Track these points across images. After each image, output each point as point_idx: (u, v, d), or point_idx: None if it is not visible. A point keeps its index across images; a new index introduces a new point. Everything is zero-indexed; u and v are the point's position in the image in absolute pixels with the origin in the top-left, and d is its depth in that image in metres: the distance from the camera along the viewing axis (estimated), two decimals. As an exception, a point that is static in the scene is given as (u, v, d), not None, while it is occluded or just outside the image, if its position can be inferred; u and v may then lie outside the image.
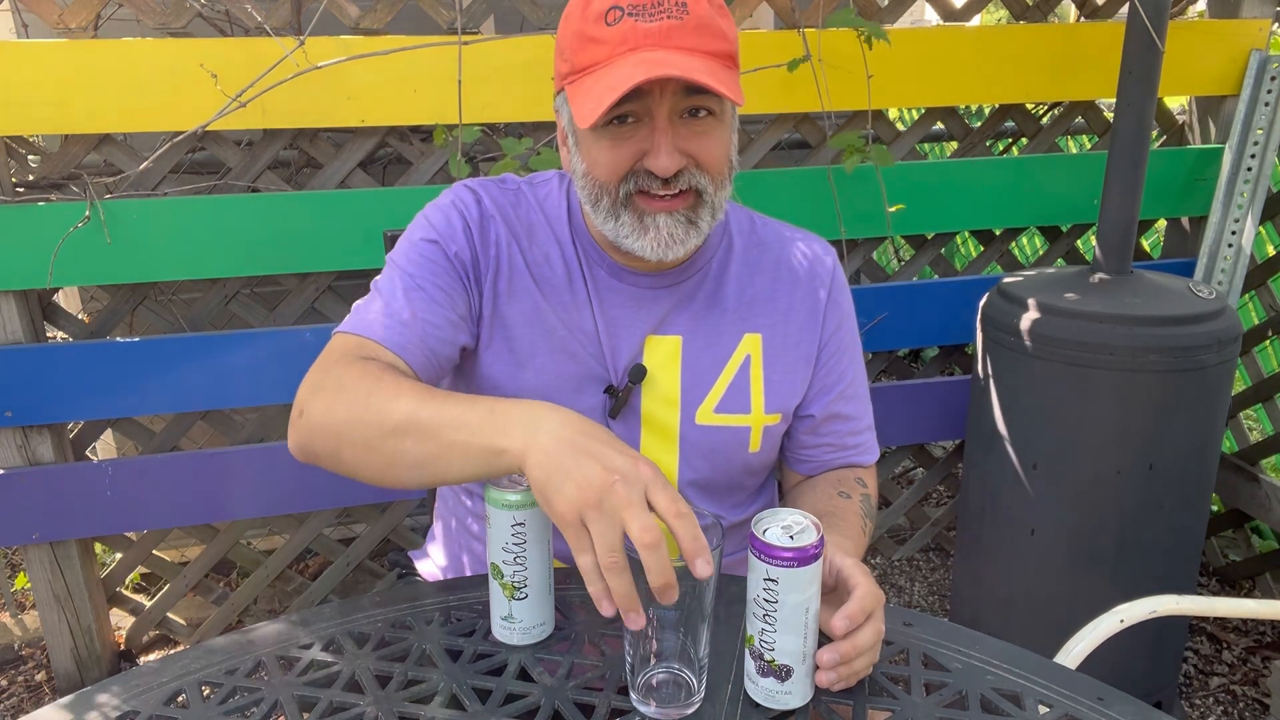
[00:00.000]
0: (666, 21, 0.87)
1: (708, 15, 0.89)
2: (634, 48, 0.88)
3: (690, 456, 1.05)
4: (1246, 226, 2.13)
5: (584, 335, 1.02)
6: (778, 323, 1.06)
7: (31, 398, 1.79)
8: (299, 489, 1.96)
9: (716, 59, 0.90)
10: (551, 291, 1.02)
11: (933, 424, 2.27)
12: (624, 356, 1.03)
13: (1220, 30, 2.09)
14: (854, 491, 1.08)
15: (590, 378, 1.02)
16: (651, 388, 1.03)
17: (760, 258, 1.08)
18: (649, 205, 0.93)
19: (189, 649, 0.87)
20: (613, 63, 0.88)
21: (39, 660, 2.17)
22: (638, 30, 0.87)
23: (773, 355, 1.06)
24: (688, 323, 1.04)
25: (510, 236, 1.02)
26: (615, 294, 1.03)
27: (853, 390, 1.12)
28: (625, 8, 0.88)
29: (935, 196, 2.09)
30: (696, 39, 0.88)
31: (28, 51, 1.64)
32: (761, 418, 1.05)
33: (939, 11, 2.08)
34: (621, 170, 0.92)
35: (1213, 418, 1.70)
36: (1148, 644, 1.80)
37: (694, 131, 0.91)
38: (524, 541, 0.84)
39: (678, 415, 1.03)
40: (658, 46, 0.87)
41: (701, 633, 0.76)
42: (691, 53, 0.88)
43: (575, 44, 0.91)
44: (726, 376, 1.04)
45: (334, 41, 1.73)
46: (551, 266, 1.03)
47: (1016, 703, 0.79)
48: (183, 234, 1.77)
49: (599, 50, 0.89)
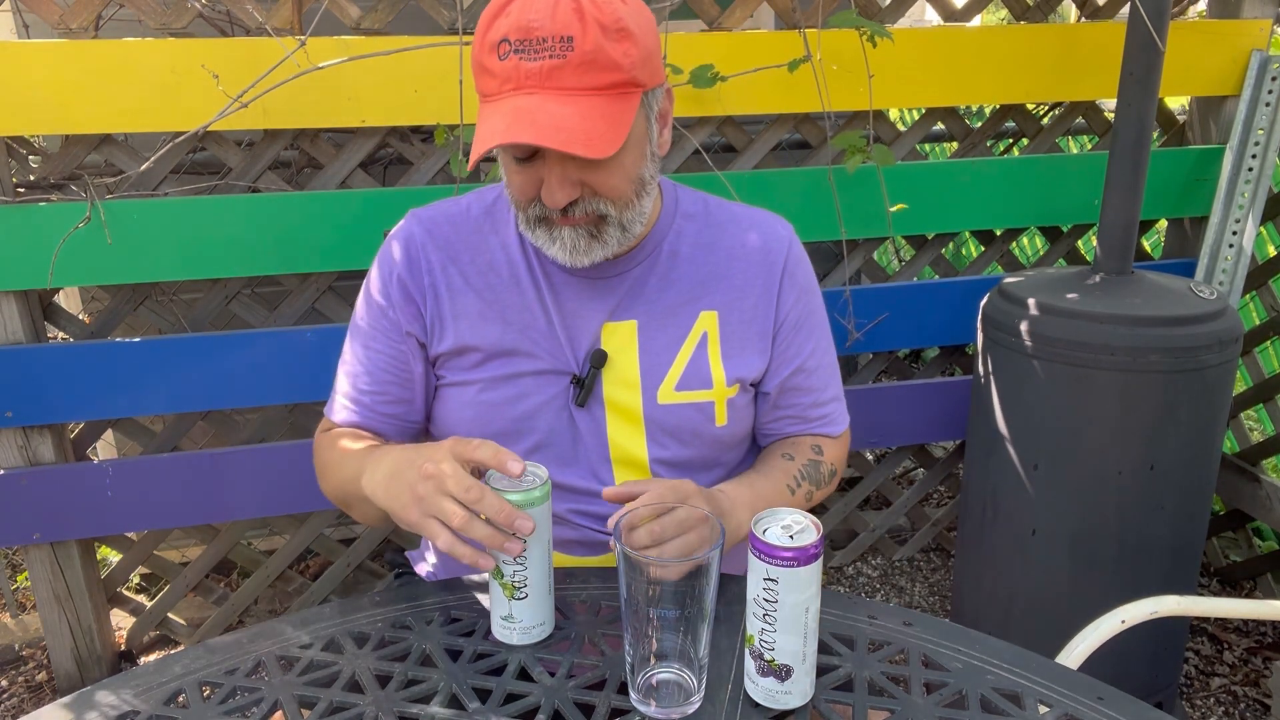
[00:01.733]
0: (549, 61, 0.87)
1: (595, 48, 0.87)
2: (516, 87, 0.88)
3: (657, 435, 1.06)
4: (1247, 227, 2.12)
5: (537, 332, 1.05)
6: (733, 299, 1.08)
7: (32, 398, 1.79)
8: (299, 489, 1.96)
9: (605, 93, 0.89)
10: (496, 297, 1.06)
11: (933, 424, 2.27)
12: (583, 346, 1.06)
13: (1221, 30, 2.09)
14: (800, 455, 1.11)
15: (549, 371, 1.05)
16: (611, 372, 1.05)
17: (715, 238, 1.10)
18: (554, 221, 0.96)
19: (189, 649, 0.88)
20: (498, 100, 0.89)
21: (39, 660, 2.17)
22: (520, 70, 0.88)
23: (729, 330, 1.08)
24: (642, 307, 1.06)
25: (446, 259, 1.07)
26: (568, 287, 1.06)
27: (814, 363, 1.13)
28: (513, 43, 0.87)
29: (936, 197, 2.09)
30: (579, 77, 0.87)
31: (28, 51, 1.64)
32: (724, 391, 1.07)
33: (939, 12, 2.08)
34: (528, 195, 0.95)
35: (1214, 418, 1.70)
36: (1148, 644, 1.80)
37: (589, 165, 0.92)
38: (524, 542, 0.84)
39: (639, 397, 1.05)
40: (537, 89, 0.87)
41: (701, 633, 0.76)
42: (573, 93, 0.87)
43: (475, 69, 0.93)
44: (685, 354, 1.06)
45: (335, 42, 1.73)
46: (496, 272, 1.07)
47: (1016, 703, 0.79)
48: (183, 234, 1.77)
49: (490, 82, 0.90)
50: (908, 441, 2.31)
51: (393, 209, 1.84)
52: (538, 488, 0.83)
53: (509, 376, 1.05)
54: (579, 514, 1.07)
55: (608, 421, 1.06)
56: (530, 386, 1.05)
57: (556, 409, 1.05)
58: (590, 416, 1.06)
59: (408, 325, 1.07)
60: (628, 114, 0.90)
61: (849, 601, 0.94)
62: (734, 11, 1.92)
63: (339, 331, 1.84)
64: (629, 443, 1.06)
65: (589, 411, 1.06)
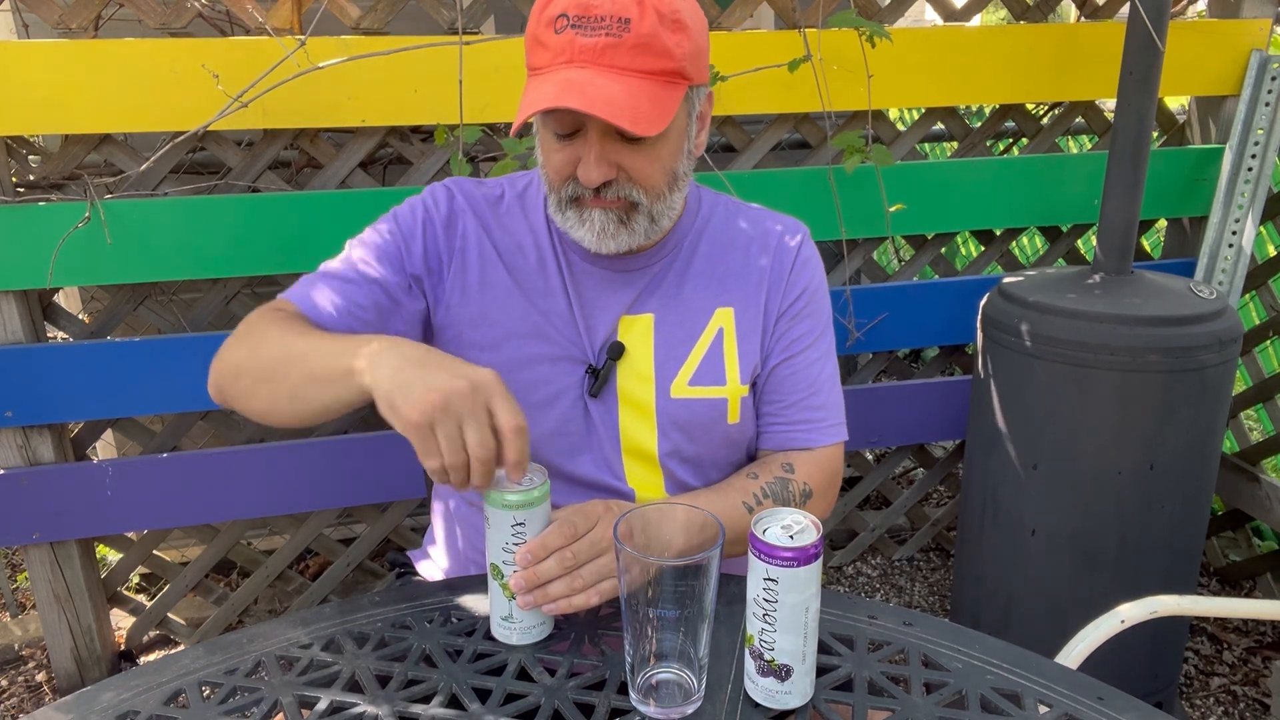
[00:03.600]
0: (604, 39, 0.88)
1: (650, 32, 0.89)
2: (569, 60, 0.89)
3: (668, 429, 1.07)
4: (1247, 226, 2.12)
5: (558, 318, 1.06)
6: (749, 296, 1.09)
7: (32, 398, 1.79)
8: (299, 489, 1.96)
9: (654, 78, 0.90)
10: (524, 277, 1.07)
11: (933, 424, 2.27)
12: (600, 336, 1.06)
13: (1220, 30, 2.09)
14: (765, 472, 1.07)
15: (566, 358, 1.06)
16: (627, 365, 1.06)
17: (733, 237, 1.11)
18: (585, 203, 0.97)
19: (189, 649, 0.88)
20: (550, 72, 0.90)
21: (39, 660, 2.17)
22: (574, 44, 0.89)
23: (744, 328, 1.08)
24: (659, 301, 1.07)
25: (481, 230, 1.07)
26: (589, 277, 1.07)
27: (804, 361, 1.10)
28: (571, 18, 0.89)
29: (935, 196, 2.09)
30: (632, 58, 0.89)
31: (28, 51, 1.64)
32: (738, 389, 1.08)
33: (939, 11, 2.08)
34: (564, 174, 0.96)
35: (1213, 418, 1.70)
36: (1148, 644, 1.80)
37: (628, 148, 0.94)
38: (524, 541, 0.84)
39: (653, 390, 1.06)
40: (590, 64, 0.89)
41: (701, 633, 0.76)
42: (624, 73, 0.89)
43: (529, 43, 0.94)
44: (700, 350, 1.07)
45: (335, 41, 1.73)
46: (524, 255, 1.07)
47: (1016, 702, 0.79)
48: (183, 234, 1.77)
49: (544, 55, 0.91)
50: (907, 441, 2.31)
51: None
52: (537, 488, 0.83)
53: (528, 359, 1.05)
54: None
55: (620, 413, 1.06)
56: (547, 373, 1.05)
57: (572, 398, 1.06)
58: (604, 407, 1.06)
59: (417, 267, 1.05)
60: (673, 102, 0.92)
61: (849, 601, 0.94)
62: (734, 11, 1.92)
63: (339, 331, 1.84)
64: (640, 435, 1.07)
65: (602, 402, 1.06)
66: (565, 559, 0.84)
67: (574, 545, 0.85)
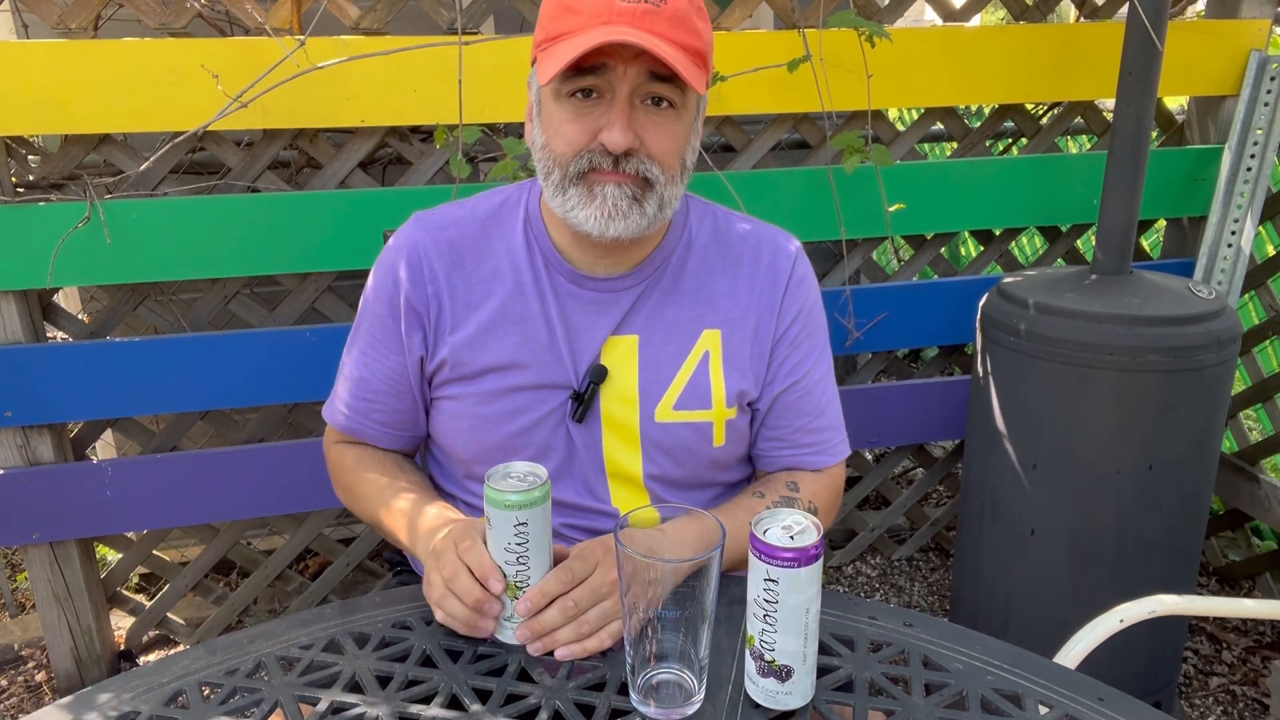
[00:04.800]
0: (644, 5, 0.90)
1: (685, 11, 0.92)
2: (607, 21, 0.89)
3: (652, 453, 1.05)
4: (1246, 226, 2.13)
5: (539, 345, 1.04)
6: (737, 318, 1.07)
7: (31, 398, 1.79)
8: (298, 489, 1.96)
9: (687, 53, 0.92)
10: (500, 308, 1.04)
11: (933, 424, 2.27)
12: (585, 360, 1.04)
13: (1219, 30, 2.09)
14: (771, 491, 1.07)
15: (548, 385, 1.04)
16: (610, 388, 1.04)
17: (721, 253, 1.09)
18: (598, 177, 0.95)
19: (189, 649, 0.88)
20: (583, 32, 0.90)
21: (39, 660, 2.17)
22: (614, 7, 0.90)
23: (731, 349, 1.06)
24: (644, 322, 1.05)
25: (449, 268, 1.05)
26: (575, 300, 1.04)
27: (806, 385, 1.09)
28: None
29: (935, 196, 2.09)
30: (670, 29, 0.90)
31: (28, 51, 1.63)
32: (723, 412, 1.06)
33: (939, 12, 2.08)
34: (578, 145, 0.94)
35: (1212, 418, 1.70)
36: (1147, 644, 1.80)
37: (651, 119, 0.94)
38: (526, 541, 0.84)
39: (636, 414, 1.04)
40: (631, 25, 0.89)
41: (702, 634, 0.76)
42: (663, 39, 0.90)
43: (555, 12, 0.93)
44: (685, 373, 1.05)
45: (334, 42, 1.73)
46: (501, 281, 1.05)
47: (1016, 703, 0.79)
48: (183, 234, 1.77)
49: (574, 20, 0.91)
50: (907, 441, 2.31)
51: (392, 209, 1.83)
52: (537, 488, 0.83)
53: (506, 390, 1.04)
54: (573, 528, 1.06)
55: (604, 436, 1.05)
56: (527, 401, 1.04)
57: (553, 424, 1.04)
58: (587, 431, 1.05)
59: (408, 337, 1.06)
60: (701, 81, 0.93)
61: (849, 602, 0.94)
62: (733, 11, 1.92)
63: (338, 331, 1.84)
64: (624, 459, 1.05)
65: (585, 426, 1.04)
66: (567, 608, 0.84)
67: (574, 592, 0.85)
